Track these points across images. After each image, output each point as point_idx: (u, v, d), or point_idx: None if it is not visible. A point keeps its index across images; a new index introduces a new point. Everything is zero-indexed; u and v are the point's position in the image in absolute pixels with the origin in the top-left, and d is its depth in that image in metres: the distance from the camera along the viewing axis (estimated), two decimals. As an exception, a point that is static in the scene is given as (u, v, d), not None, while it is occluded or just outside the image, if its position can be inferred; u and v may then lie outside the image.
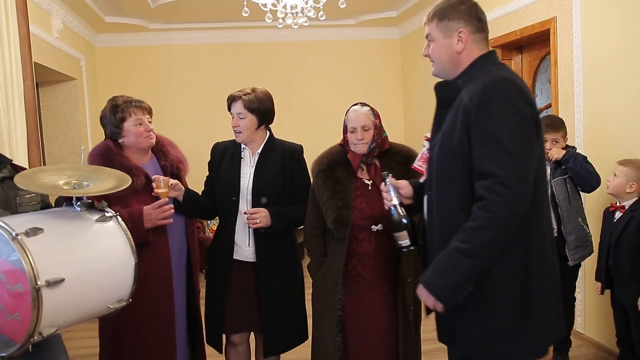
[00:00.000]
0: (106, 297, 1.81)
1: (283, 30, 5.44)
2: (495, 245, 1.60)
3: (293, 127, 6.60)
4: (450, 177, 1.71)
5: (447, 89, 1.81)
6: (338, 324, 2.29)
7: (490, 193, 1.57)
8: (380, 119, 2.34)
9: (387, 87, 6.76)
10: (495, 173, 1.57)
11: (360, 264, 2.28)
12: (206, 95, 6.37)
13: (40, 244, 1.59)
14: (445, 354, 2.05)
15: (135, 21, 5.86)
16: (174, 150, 2.53)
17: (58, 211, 1.86)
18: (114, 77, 6.20)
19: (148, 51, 6.40)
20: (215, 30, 6.39)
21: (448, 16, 1.76)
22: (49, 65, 4.45)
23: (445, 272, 1.63)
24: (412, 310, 2.27)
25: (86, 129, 5.44)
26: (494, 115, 1.60)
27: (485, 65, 1.75)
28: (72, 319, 1.71)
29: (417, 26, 6.13)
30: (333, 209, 2.26)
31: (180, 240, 2.46)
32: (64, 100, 5.26)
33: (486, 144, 1.60)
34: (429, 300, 1.67)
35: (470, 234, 1.59)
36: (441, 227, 1.75)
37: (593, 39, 3.40)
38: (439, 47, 1.80)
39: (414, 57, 6.37)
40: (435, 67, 1.86)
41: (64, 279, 1.60)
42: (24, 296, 1.53)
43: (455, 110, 1.71)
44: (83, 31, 5.62)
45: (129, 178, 2.00)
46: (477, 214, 1.59)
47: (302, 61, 6.67)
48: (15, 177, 1.78)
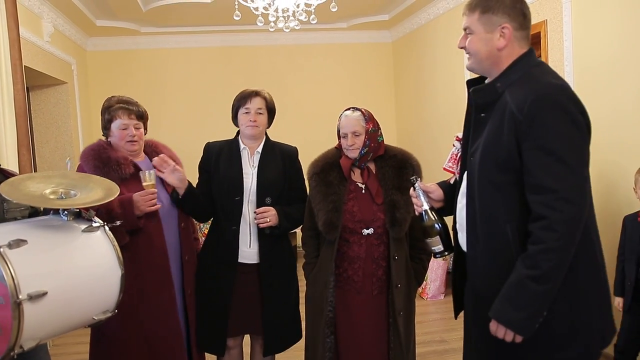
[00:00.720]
0: (91, 308, 1.78)
1: (275, 33, 5.44)
2: (565, 264, 1.52)
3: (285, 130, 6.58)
4: (495, 188, 1.63)
5: (485, 93, 1.70)
6: (330, 325, 2.29)
7: (553, 211, 1.49)
8: (374, 122, 2.33)
9: (380, 90, 6.77)
10: (554, 188, 1.50)
11: (351, 268, 2.29)
12: (198, 98, 6.37)
13: (23, 256, 1.55)
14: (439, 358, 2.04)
15: (127, 25, 5.84)
16: (167, 151, 2.53)
17: (44, 220, 1.82)
18: (105, 81, 6.18)
19: (140, 55, 6.39)
20: (207, 34, 6.38)
21: (492, 9, 1.64)
22: (40, 69, 4.42)
23: (521, 303, 1.53)
24: (402, 316, 2.25)
25: (77, 133, 5.41)
26: (550, 127, 1.52)
27: (527, 68, 1.65)
28: (54, 331, 1.68)
29: (409, 29, 6.16)
30: (324, 212, 2.27)
31: (173, 234, 2.43)
32: (55, 104, 5.23)
33: (542, 157, 1.52)
34: (507, 335, 1.56)
35: (539, 259, 1.50)
36: (487, 242, 1.66)
37: (583, 42, 3.42)
38: (479, 41, 1.68)
39: (406, 61, 6.39)
40: (471, 61, 1.75)
41: (47, 292, 1.56)
42: (4, 309, 1.49)
43: (499, 117, 1.62)
44: (74, 35, 5.60)
45: (117, 188, 1.97)
46: (541, 235, 1.50)
47: (294, 64, 6.67)
48: (1, 187, 1.74)
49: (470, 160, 1.73)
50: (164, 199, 2.41)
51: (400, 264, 2.25)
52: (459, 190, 1.84)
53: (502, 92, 1.64)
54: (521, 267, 1.54)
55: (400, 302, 2.24)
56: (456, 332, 3.97)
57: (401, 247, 2.27)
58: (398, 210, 2.23)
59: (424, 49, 5.82)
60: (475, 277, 1.74)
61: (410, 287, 2.31)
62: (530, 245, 1.53)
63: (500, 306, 1.57)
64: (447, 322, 4.19)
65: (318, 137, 6.66)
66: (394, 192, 2.25)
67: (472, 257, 1.74)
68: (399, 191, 2.25)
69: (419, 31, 5.93)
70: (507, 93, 1.61)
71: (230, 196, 2.47)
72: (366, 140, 2.28)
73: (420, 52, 5.92)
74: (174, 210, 2.44)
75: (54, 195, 1.78)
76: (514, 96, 1.59)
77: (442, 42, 5.37)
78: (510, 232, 1.59)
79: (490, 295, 1.63)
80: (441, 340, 3.81)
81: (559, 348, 1.60)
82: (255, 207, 2.46)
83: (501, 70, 1.67)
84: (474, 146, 1.71)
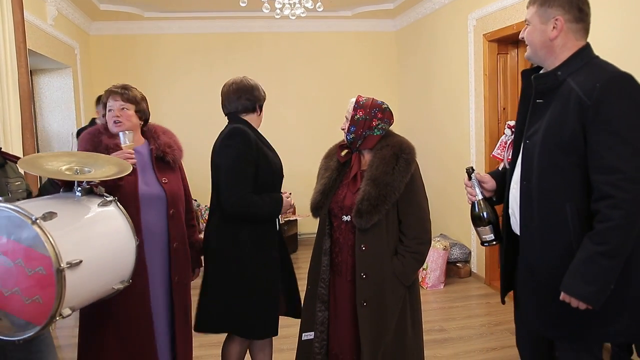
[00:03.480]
0: (112, 278, 1.88)
1: (279, 20, 5.42)
2: (631, 240, 1.65)
3: (288, 117, 6.63)
4: (557, 168, 1.75)
5: (546, 80, 1.82)
6: (324, 301, 2.34)
7: (619, 190, 1.61)
8: (367, 112, 2.26)
9: (383, 79, 6.75)
10: (621, 169, 1.62)
11: (334, 251, 2.34)
12: (201, 85, 6.35)
13: (58, 227, 1.63)
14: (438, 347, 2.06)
15: (131, 9, 5.82)
16: (165, 137, 2.51)
17: (61, 196, 1.89)
18: (108, 65, 6.17)
19: (143, 39, 6.37)
20: (211, 20, 6.36)
21: (549, 2, 1.79)
22: (44, 53, 4.42)
23: (592, 278, 1.66)
24: (367, 307, 2.20)
25: (80, 117, 5.41)
26: (617, 111, 1.65)
27: (587, 59, 1.79)
28: (84, 300, 1.76)
29: (414, 19, 6.13)
30: (314, 192, 2.37)
31: (158, 221, 2.37)
32: (58, 88, 5.23)
33: (609, 140, 1.64)
34: (580, 305, 1.71)
35: (608, 235, 1.64)
36: (544, 220, 1.79)
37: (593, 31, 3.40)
38: (534, 32, 1.83)
39: (409, 50, 6.36)
40: (528, 51, 1.89)
41: (82, 260, 1.65)
42: (45, 278, 1.56)
43: (563, 102, 1.74)
44: (77, 19, 5.58)
45: (129, 165, 2.04)
46: (609, 213, 1.63)
47: (297, 52, 6.65)
48: (20, 164, 1.81)
49: (526, 143, 1.86)
50: (151, 184, 2.37)
51: (367, 255, 2.20)
52: (511, 177, 1.96)
53: (563, 80, 1.77)
54: (590, 244, 1.67)
55: (364, 292, 2.20)
56: (455, 321, 4.01)
57: (373, 239, 2.21)
58: (366, 201, 2.16)
59: (428, 38, 5.80)
60: (530, 254, 1.87)
61: (384, 280, 2.21)
62: (597, 223, 1.66)
63: (571, 281, 1.70)
64: (447, 311, 4.22)
65: (320, 125, 6.70)
66: (368, 183, 2.19)
67: (527, 236, 1.87)
68: (374, 183, 2.18)
69: (423, 20, 5.90)
70: (571, 80, 1.75)
71: (278, 183, 2.56)
72: (350, 126, 2.28)
73: (424, 42, 5.90)
74: (163, 196, 2.38)
75: (69, 172, 1.85)
76: (580, 82, 1.72)
77: (446, 32, 5.35)
78: (569, 210, 1.73)
79: (546, 269, 1.81)
80: (440, 329, 3.84)
81: (612, 320, 1.75)
82: None
83: (556, 59, 1.81)
84: (531, 130, 1.85)
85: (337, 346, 2.33)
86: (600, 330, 1.78)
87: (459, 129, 5.15)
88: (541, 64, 1.88)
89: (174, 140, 2.53)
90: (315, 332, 2.34)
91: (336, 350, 2.34)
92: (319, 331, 2.34)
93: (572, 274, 1.71)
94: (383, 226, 2.22)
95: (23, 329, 1.60)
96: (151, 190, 2.36)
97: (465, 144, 5.01)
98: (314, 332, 2.34)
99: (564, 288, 1.73)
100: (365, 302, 2.20)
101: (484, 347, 3.54)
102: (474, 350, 3.50)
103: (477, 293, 4.66)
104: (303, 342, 2.36)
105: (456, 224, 5.31)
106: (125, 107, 2.38)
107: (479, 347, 3.55)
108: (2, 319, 1.60)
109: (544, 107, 1.82)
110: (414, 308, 2.33)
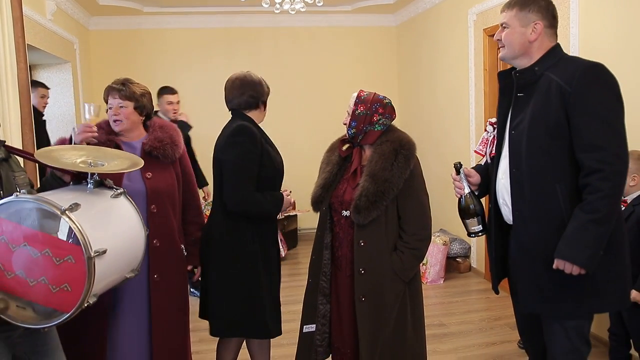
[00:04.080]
0: (126, 266, 1.94)
1: (279, 15, 5.41)
2: (617, 208, 1.87)
3: (287, 112, 6.62)
4: (545, 152, 1.91)
5: (526, 75, 2.01)
6: (326, 295, 2.36)
7: (607, 164, 1.80)
8: (367, 107, 2.26)
9: (383, 74, 6.74)
10: (606, 146, 1.81)
11: (335, 245, 2.35)
12: (200, 80, 6.33)
13: (84, 218, 1.68)
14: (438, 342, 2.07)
15: (130, 4, 5.80)
16: (160, 131, 2.46)
17: (74, 189, 1.94)
18: (107, 61, 6.15)
19: (142, 35, 6.35)
20: (210, 15, 6.34)
21: (528, 7, 1.97)
22: (43, 48, 4.41)
23: (585, 243, 1.82)
24: (365, 302, 2.20)
25: (80, 111, 5.40)
26: (597, 95, 1.84)
27: (560, 55, 1.99)
28: (103, 288, 1.80)
29: (414, 13, 6.11)
30: (315, 187, 2.39)
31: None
32: (57, 83, 5.22)
33: (592, 121, 1.83)
34: (574, 269, 1.85)
35: (598, 204, 1.81)
36: (536, 201, 1.95)
37: (590, 29, 3.40)
38: (513, 34, 2.00)
39: (410, 45, 6.35)
40: (504, 52, 2.05)
41: (107, 249, 1.71)
42: (74, 267, 1.62)
43: (544, 93, 1.92)
44: (77, 14, 5.56)
45: (140, 160, 2.09)
46: (599, 184, 1.80)
47: (297, 47, 6.64)
48: (37, 155, 1.88)
49: (512, 134, 2.02)
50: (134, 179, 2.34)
51: (366, 250, 2.20)
52: (497, 170, 2.12)
53: (541, 74, 1.97)
54: (581, 213, 1.84)
55: (362, 288, 2.20)
56: (455, 316, 4.02)
57: (372, 234, 2.21)
58: (364, 197, 2.16)
59: (428, 33, 5.78)
60: (523, 235, 2.01)
61: (382, 276, 2.21)
62: (587, 195, 1.83)
63: (565, 247, 1.86)
64: (447, 306, 4.23)
65: (320, 120, 6.69)
66: (367, 179, 2.19)
67: (519, 219, 2.01)
68: (372, 179, 2.18)
69: (424, 15, 5.89)
70: (550, 73, 1.94)
71: (279, 181, 2.56)
72: (351, 121, 2.28)
73: (424, 37, 5.88)
74: (143, 192, 2.34)
75: (84, 164, 1.91)
76: (559, 74, 1.91)
77: (446, 27, 5.33)
78: (560, 190, 1.90)
79: (540, 246, 1.95)
80: (440, 324, 3.85)
81: (603, 291, 1.92)
82: None
83: (531, 59, 2.00)
84: (515, 121, 2.02)
85: (339, 339, 2.34)
86: (593, 301, 1.94)
87: (459, 124, 5.14)
88: (515, 63, 2.06)
89: (169, 135, 2.47)
90: (317, 325, 2.35)
91: (338, 343, 2.35)
92: (320, 324, 2.35)
93: (567, 241, 1.86)
94: (382, 222, 2.21)
95: (49, 317, 1.66)
96: (132, 186, 2.32)
97: (465, 139, 5.01)
98: (315, 324, 2.35)
99: (558, 254, 1.87)
100: (363, 297, 2.20)
101: (484, 342, 3.55)
102: (473, 345, 3.51)
103: (476, 288, 4.67)
104: (304, 335, 2.36)
105: (456, 219, 5.29)
106: (123, 105, 2.37)
107: (478, 342, 3.56)
108: (25, 308, 1.65)
109: (525, 99, 2.00)
110: (415, 302, 2.32)
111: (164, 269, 2.40)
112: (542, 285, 1.97)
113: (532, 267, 1.99)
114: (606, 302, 1.97)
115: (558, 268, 1.88)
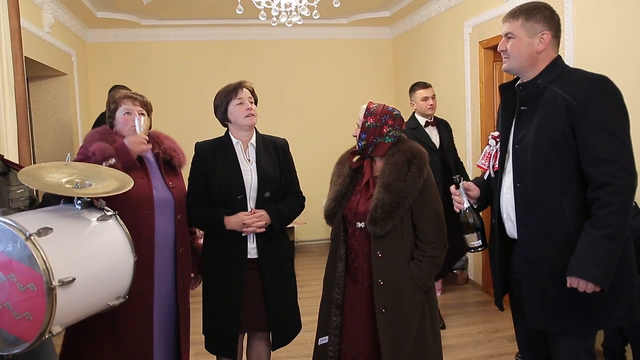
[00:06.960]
0: (108, 294, 1.84)
1: (275, 28, 5.43)
2: (628, 222, 1.80)
3: (284, 124, 6.62)
4: (551, 166, 1.87)
5: (529, 88, 1.97)
6: (338, 306, 2.35)
7: (616, 178, 1.76)
8: (377, 119, 2.27)
9: (379, 86, 6.77)
10: (615, 160, 1.78)
11: (351, 257, 2.34)
12: (197, 92, 6.35)
13: (52, 244, 1.60)
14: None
15: (127, 17, 5.83)
16: (168, 142, 2.54)
17: (60, 209, 1.86)
18: (105, 73, 6.16)
19: (139, 47, 6.37)
20: (207, 28, 6.37)
21: (535, 17, 1.93)
22: (40, 60, 4.41)
23: (599, 259, 1.76)
24: (386, 313, 2.20)
25: (77, 124, 5.40)
26: (604, 108, 1.81)
27: (562, 67, 1.95)
28: (76, 317, 1.74)
29: (410, 26, 6.15)
30: (328, 200, 2.38)
31: (167, 225, 2.39)
32: (55, 95, 5.21)
33: (600, 135, 1.79)
34: (588, 287, 1.79)
35: (610, 219, 1.76)
36: (542, 217, 1.90)
37: (585, 41, 3.43)
38: (520, 45, 1.95)
39: (406, 57, 6.39)
40: (509, 63, 2.00)
41: (75, 278, 1.62)
42: (35, 295, 1.54)
43: (549, 106, 1.88)
44: (74, 26, 5.58)
45: (130, 179, 2.02)
46: (609, 199, 1.76)
47: (293, 60, 6.67)
48: (20, 175, 1.78)
49: (516, 148, 1.98)
50: (160, 189, 2.38)
51: (384, 261, 2.21)
52: (501, 185, 2.06)
53: (544, 87, 1.92)
54: (592, 229, 1.78)
55: (382, 299, 2.20)
56: (452, 328, 4.00)
57: (389, 245, 2.21)
58: (380, 208, 2.17)
59: (424, 46, 5.82)
60: (530, 251, 1.95)
61: (401, 286, 2.22)
62: (597, 209, 1.78)
63: (578, 264, 1.79)
64: (444, 318, 4.21)
65: (317, 132, 6.70)
66: (381, 190, 2.20)
67: (525, 235, 1.96)
68: (386, 190, 2.19)
69: (420, 28, 5.93)
70: (553, 86, 1.90)
71: (232, 195, 2.46)
72: (361, 133, 2.29)
73: (420, 49, 5.92)
74: (171, 201, 2.40)
75: (69, 185, 1.83)
76: (563, 87, 1.87)
77: (443, 40, 5.37)
78: (566, 204, 1.85)
79: (548, 264, 1.90)
80: (437, 337, 3.83)
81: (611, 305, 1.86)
82: (255, 202, 2.47)
83: (537, 69, 1.96)
84: (519, 135, 1.97)
85: (351, 351, 2.33)
86: (601, 316, 1.88)
87: (456, 136, 5.14)
88: (521, 74, 2.01)
89: (177, 146, 2.56)
90: (330, 337, 2.35)
91: (351, 355, 2.33)
92: (333, 335, 2.35)
93: (579, 258, 1.80)
94: (398, 232, 2.22)
95: (12, 344, 1.59)
96: (161, 195, 2.36)
97: (461, 151, 5.01)
98: (328, 336, 2.35)
99: (571, 272, 1.80)
100: (384, 308, 2.21)
101: (481, 355, 3.54)
102: (471, 358, 3.49)
103: (474, 300, 4.65)
104: (319, 347, 2.37)
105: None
106: (142, 112, 2.44)
107: (476, 354, 3.55)
108: None
109: (529, 113, 1.96)
110: (432, 312, 2.33)
111: (187, 277, 2.50)
112: (549, 301, 1.92)
113: (538, 282, 1.94)
114: (615, 316, 1.90)
115: (572, 286, 1.81)
